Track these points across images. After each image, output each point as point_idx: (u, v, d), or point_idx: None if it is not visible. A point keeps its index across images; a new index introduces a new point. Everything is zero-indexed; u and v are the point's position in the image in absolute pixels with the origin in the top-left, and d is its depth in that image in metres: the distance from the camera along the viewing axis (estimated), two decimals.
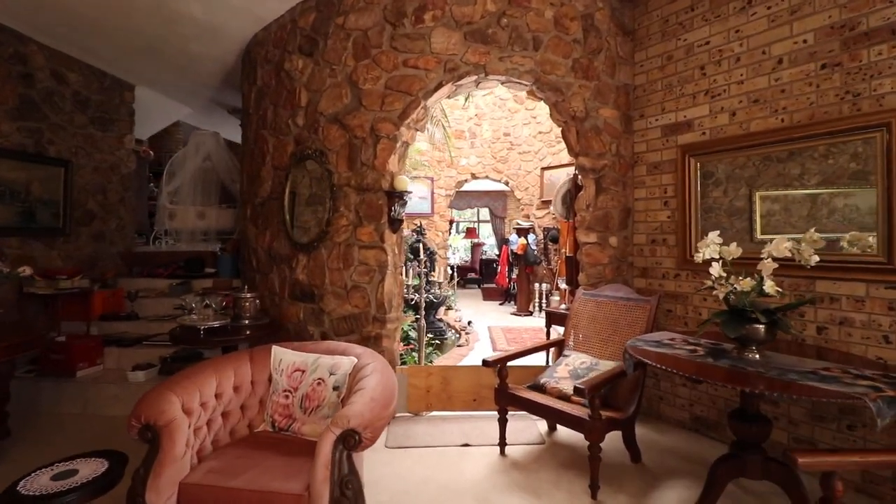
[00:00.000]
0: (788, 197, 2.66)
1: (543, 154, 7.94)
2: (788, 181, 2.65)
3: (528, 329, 6.48)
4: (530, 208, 8.15)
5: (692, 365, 1.97)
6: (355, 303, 3.28)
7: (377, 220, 3.21)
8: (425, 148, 8.21)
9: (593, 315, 3.13)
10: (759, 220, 2.80)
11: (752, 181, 2.82)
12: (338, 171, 3.33)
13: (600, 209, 3.38)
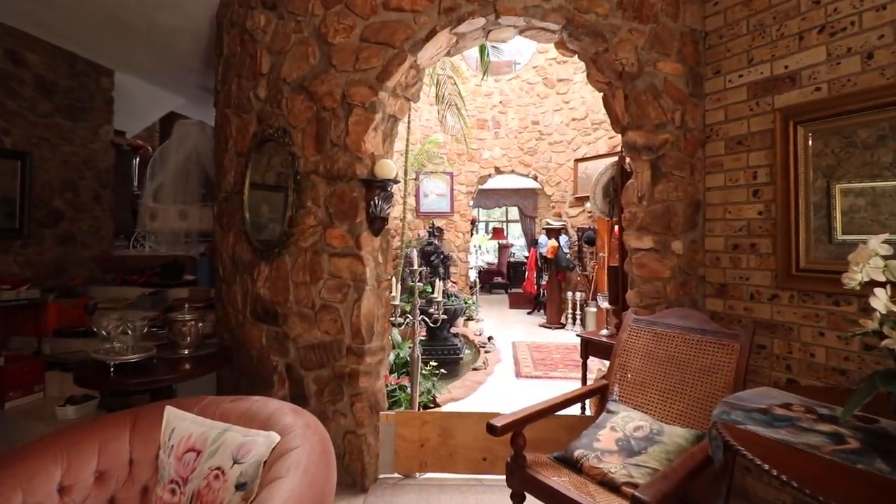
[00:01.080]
0: None
1: (577, 144, 6.96)
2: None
3: (559, 347, 5.53)
4: (562, 206, 7.18)
5: (857, 483, 1.05)
6: (325, 327, 2.49)
7: (351, 218, 2.40)
8: (443, 140, 7.38)
9: (650, 352, 2.21)
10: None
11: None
12: (303, 155, 2.55)
13: (659, 202, 2.44)
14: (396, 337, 3.65)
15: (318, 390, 2.54)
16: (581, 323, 6.51)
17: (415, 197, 7.40)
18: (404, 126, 7.08)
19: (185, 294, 4.16)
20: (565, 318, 6.74)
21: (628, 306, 2.64)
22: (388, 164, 2.39)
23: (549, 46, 7.13)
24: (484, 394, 3.89)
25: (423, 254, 5.37)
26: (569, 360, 4.90)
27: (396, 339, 3.63)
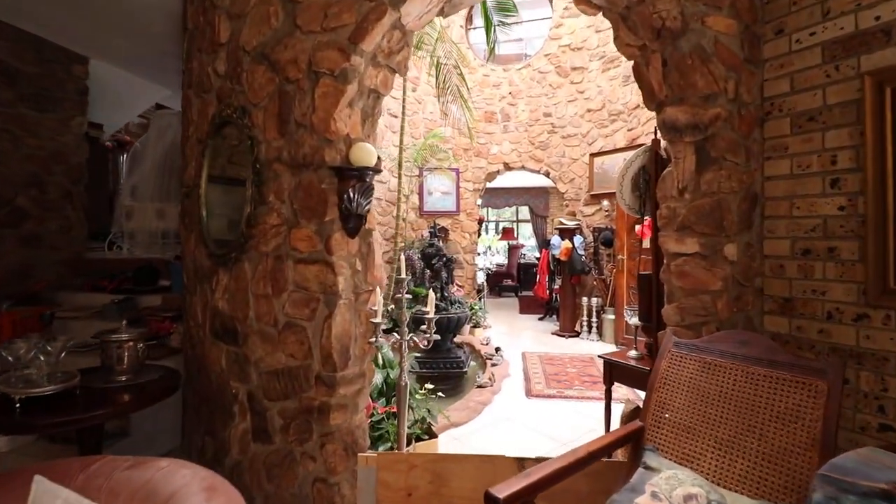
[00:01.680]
0: None
1: (593, 137, 6.43)
2: None
3: (574, 359, 5.01)
4: (577, 204, 6.65)
5: None
6: (290, 350, 2.02)
7: (319, 216, 1.94)
8: (449, 134, 6.91)
9: (699, 387, 1.71)
10: None
11: None
12: (265, 139, 2.09)
13: (706, 196, 1.94)
14: (388, 354, 3.18)
15: (283, 425, 2.08)
16: (597, 331, 5.99)
17: (418, 195, 6.93)
18: (407, 116, 6.62)
19: (157, 302, 3.76)
20: (580, 326, 6.21)
21: (665, 325, 2.14)
22: (365, 149, 1.92)
23: (562, 32, 6.62)
24: (489, 418, 3.40)
25: (423, 256, 4.91)
26: (585, 376, 4.39)
27: (388, 357, 3.16)
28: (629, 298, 5.55)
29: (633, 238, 5.50)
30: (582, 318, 6.15)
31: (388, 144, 6.63)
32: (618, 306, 5.64)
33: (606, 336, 5.84)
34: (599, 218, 6.36)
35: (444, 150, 6.34)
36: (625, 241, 5.59)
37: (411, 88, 6.86)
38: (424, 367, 4.42)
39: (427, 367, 4.42)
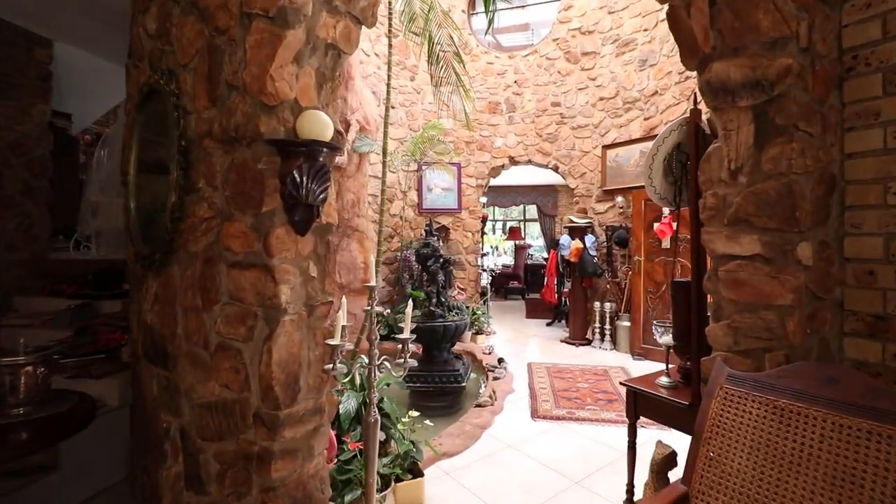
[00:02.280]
0: None
1: (606, 128, 5.92)
2: None
3: (585, 372, 4.51)
4: (588, 200, 6.14)
5: None
6: (225, 378, 1.57)
7: (255, 206, 1.48)
8: (449, 126, 6.44)
9: (767, 442, 1.23)
10: None
11: None
12: (195, 109, 1.64)
13: (771, 177, 1.45)
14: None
15: (219, 472, 1.63)
16: (611, 339, 5.48)
17: (416, 191, 6.47)
18: (404, 107, 6.16)
19: (118, 308, 3.34)
20: (591, 333, 5.70)
21: (709, 348, 1.65)
22: (316, 119, 1.46)
23: (571, 15, 6.12)
24: (488, 446, 2.93)
25: (418, 257, 4.45)
26: (599, 392, 3.89)
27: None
28: (647, 304, 5.04)
29: (650, 237, 5.00)
30: (594, 325, 5.64)
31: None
32: (634, 312, 5.13)
33: (621, 345, 5.34)
34: (613, 215, 5.85)
35: (444, 142, 5.87)
36: (642, 241, 5.08)
37: (409, 77, 6.41)
38: (417, 381, 3.97)
39: (420, 381, 3.96)
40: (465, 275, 6.63)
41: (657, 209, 4.92)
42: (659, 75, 5.35)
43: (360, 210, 5.48)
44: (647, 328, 5.02)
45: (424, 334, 4.03)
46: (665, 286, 4.89)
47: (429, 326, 4.00)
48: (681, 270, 4.77)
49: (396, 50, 6.36)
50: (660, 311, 4.93)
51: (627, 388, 2.03)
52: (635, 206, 5.15)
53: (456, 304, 4.50)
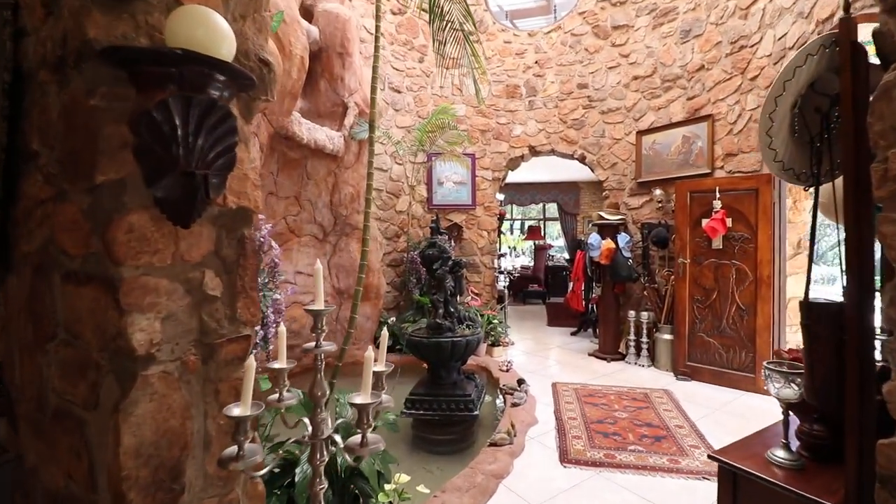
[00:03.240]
0: None
1: (641, 111, 5.17)
2: None
3: (622, 395, 3.78)
4: (620, 194, 5.40)
5: None
6: (67, 464, 0.94)
7: (86, 173, 0.84)
8: (462, 113, 5.78)
9: None
10: None
11: None
12: (31, 24, 1.01)
13: None
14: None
15: None
16: (648, 354, 4.73)
17: (426, 185, 5.82)
18: (412, 92, 5.43)
19: None
20: (625, 347, 4.96)
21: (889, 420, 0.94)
22: (201, 16, 0.81)
23: None
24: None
25: (423, 259, 3.80)
26: (642, 425, 3.18)
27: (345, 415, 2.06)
28: (693, 314, 4.28)
29: (698, 236, 4.24)
30: (627, 337, 4.90)
31: (391, 125, 5.55)
32: (677, 324, 4.37)
33: (661, 361, 4.58)
34: (649, 211, 5.10)
35: (457, 129, 5.20)
36: (687, 241, 4.32)
37: (418, 59, 5.77)
38: (420, 407, 3.31)
39: (423, 408, 3.31)
40: (481, 278, 5.95)
41: (706, 203, 4.16)
42: (706, 47, 4.58)
43: (360, 206, 4.86)
44: (694, 342, 4.26)
45: (429, 351, 3.38)
46: (716, 294, 4.13)
47: (434, 342, 3.34)
48: (735, 276, 4.01)
49: (404, 29, 5.73)
50: (710, 323, 4.17)
51: (722, 466, 1.32)
52: (679, 199, 4.39)
53: (468, 313, 3.83)
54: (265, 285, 2.21)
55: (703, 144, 4.56)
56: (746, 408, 3.62)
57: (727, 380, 4.05)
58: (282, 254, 4.39)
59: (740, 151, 4.25)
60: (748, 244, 3.96)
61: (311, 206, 4.46)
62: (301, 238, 4.43)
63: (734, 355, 4.04)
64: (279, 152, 3.84)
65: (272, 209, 3.96)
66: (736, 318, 4.03)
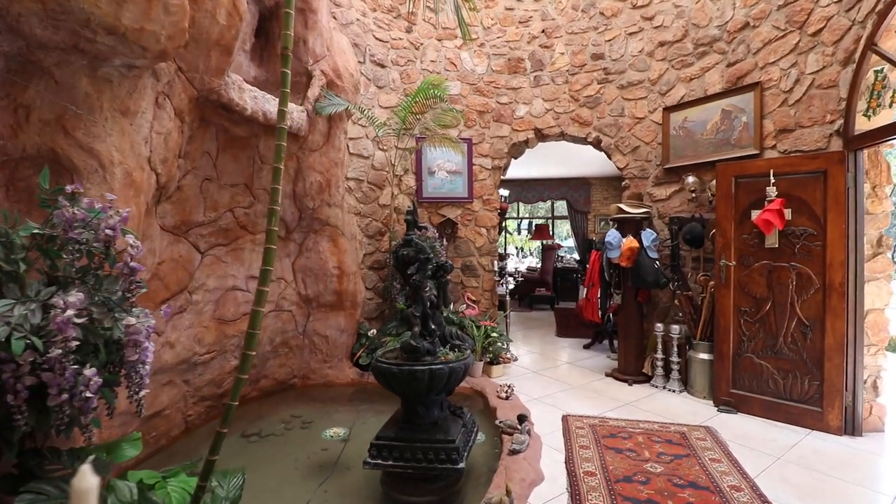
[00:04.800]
0: None
1: (668, 83, 4.33)
2: None
3: (651, 433, 2.94)
4: (643, 184, 4.55)
5: None
6: None
7: None
8: (457, 91, 4.98)
9: None
10: None
11: None
12: None
13: None
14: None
15: None
16: (680, 377, 3.88)
17: (415, 175, 5.02)
18: (399, 67, 4.50)
19: None
20: (650, 367, 4.11)
21: None
22: None
23: None
24: None
25: (396, 262, 2.99)
26: (685, 486, 2.34)
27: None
28: (739, 329, 3.43)
29: (746, 231, 3.39)
30: (654, 355, 4.05)
31: (373, 104, 4.76)
32: (719, 341, 3.52)
33: (696, 386, 3.73)
34: (680, 203, 4.25)
35: (451, 109, 4.39)
36: (731, 238, 3.47)
37: (405, 28, 4.97)
38: (389, 455, 2.51)
39: (393, 457, 2.50)
40: (479, 283, 5.13)
41: (757, 190, 3.31)
42: (750, 0, 3.73)
43: (331, 197, 4.07)
44: (740, 365, 3.41)
45: (400, 382, 2.56)
46: (770, 305, 3.27)
47: (407, 371, 2.53)
48: (796, 282, 3.15)
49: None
50: (762, 341, 3.31)
51: None
52: (721, 186, 3.54)
53: (455, 330, 3.00)
54: (111, 301, 1.41)
55: (749, 119, 3.70)
56: (816, 454, 2.77)
57: (784, 413, 3.19)
58: (230, 254, 3.63)
59: (798, 126, 3.39)
60: (813, 242, 3.11)
61: (269, 197, 3.67)
62: (256, 235, 3.65)
63: (794, 383, 3.18)
64: (218, 127, 3.06)
65: (212, 199, 3.18)
66: (797, 335, 3.17)
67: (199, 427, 3.33)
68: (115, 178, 2.05)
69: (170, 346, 2.93)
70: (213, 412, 3.44)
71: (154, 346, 1.74)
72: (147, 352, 1.50)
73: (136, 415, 1.69)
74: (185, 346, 3.05)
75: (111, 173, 2.04)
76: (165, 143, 2.47)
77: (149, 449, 2.90)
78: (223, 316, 3.40)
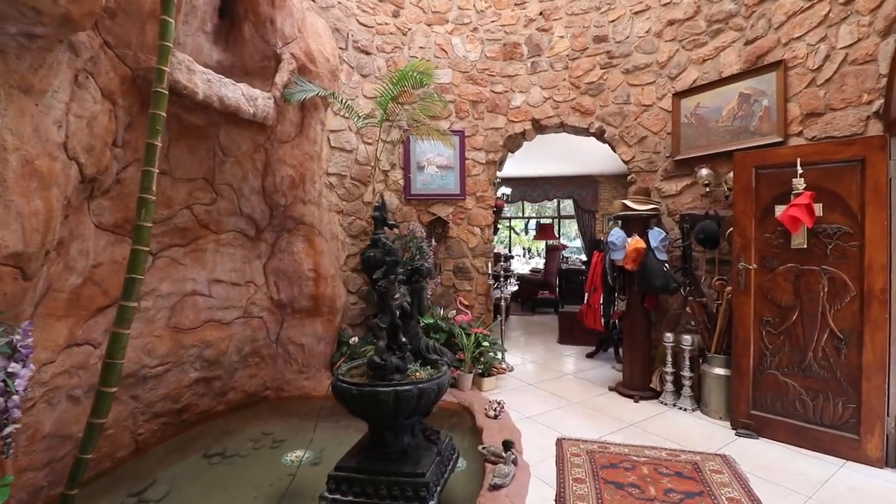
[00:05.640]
0: None
1: (679, 65, 3.91)
2: None
3: (660, 466, 2.53)
4: (650, 178, 4.14)
5: None
6: None
7: None
8: (447, 80, 4.61)
9: None
10: None
11: None
12: None
13: None
14: None
15: None
16: (692, 393, 3.46)
17: (402, 169, 4.66)
18: (385, 54, 3.93)
19: None
20: (659, 381, 3.69)
21: None
22: None
23: None
24: None
25: (363, 265, 2.62)
26: None
27: None
28: (761, 341, 3.00)
29: (769, 230, 2.97)
30: (662, 368, 3.63)
31: (357, 94, 4.42)
32: (738, 355, 3.10)
33: (711, 404, 3.31)
34: (691, 198, 3.83)
35: (433, 94, 4.02)
36: (751, 237, 3.05)
37: (391, 12, 4.61)
38: (350, 490, 2.15)
39: (354, 492, 2.15)
40: (472, 286, 4.76)
41: (781, 182, 2.89)
42: None
43: (306, 193, 3.72)
44: (762, 383, 2.98)
45: (362, 406, 2.21)
46: (797, 314, 2.84)
47: (368, 393, 2.17)
48: (828, 288, 2.72)
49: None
50: (787, 356, 2.88)
51: None
52: (739, 178, 3.11)
53: (431, 343, 2.63)
54: None
55: (771, 103, 3.27)
56: (853, 493, 2.34)
57: (814, 440, 2.77)
58: (189, 256, 3.29)
59: (829, 109, 2.96)
60: (849, 241, 2.68)
61: (234, 193, 3.34)
62: (220, 235, 3.32)
63: (825, 405, 2.75)
64: (169, 115, 2.71)
65: (164, 195, 2.85)
66: (829, 350, 2.74)
67: (152, 446, 3.00)
68: (7, 167, 1.72)
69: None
70: (169, 429, 3.11)
71: (29, 371, 1.40)
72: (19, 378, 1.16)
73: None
74: (130, 358, 2.71)
75: (2, 161, 1.71)
76: (90, 129, 2.13)
77: (87, 474, 2.57)
78: (180, 324, 3.07)
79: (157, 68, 1.13)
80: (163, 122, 1.15)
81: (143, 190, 1.10)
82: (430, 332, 4.09)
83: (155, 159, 1.10)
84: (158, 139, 1.13)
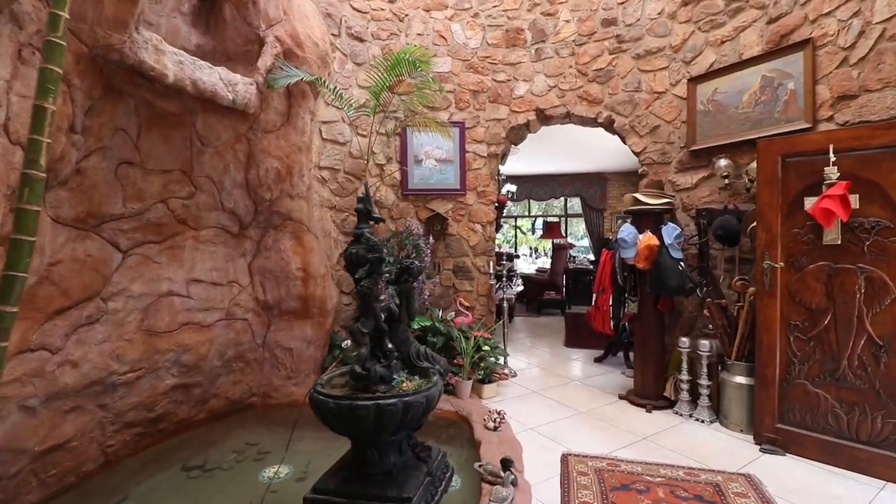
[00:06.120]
0: None
1: (694, 49, 3.63)
2: None
3: (676, 488, 2.26)
4: (663, 170, 3.86)
5: None
6: None
7: None
8: (447, 69, 4.36)
9: None
10: None
11: None
12: None
13: None
14: None
15: None
16: (710, 403, 3.18)
17: (399, 163, 4.42)
18: (380, 41, 3.70)
19: None
20: (673, 390, 3.41)
21: None
22: None
23: None
24: None
25: (346, 263, 2.38)
26: None
27: None
28: (789, 348, 2.72)
29: (797, 224, 2.68)
30: (677, 376, 3.36)
31: (350, 83, 4.18)
32: (760, 362, 2.82)
33: (731, 416, 3.03)
34: (709, 192, 3.54)
35: (434, 84, 3.77)
36: (777, 232, 2.76)
37: None
38: None
39: None
40: (473, 286, 4.50)
41: (812, 171, 2.60)
42: None
43: (293, 187, 3.49)
44: (790, 393, 2.70)
45: (339, 421, 1.96)
46: (830, 317, 2.56)
47: (347, 407, 1.92)
48: (866, 289, 2.44)
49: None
50: (818, 364, 2.60)
51: None
52: (764, 168, 2.83)
53: (423, 349, 2.38)
54: None
55: (798, 86, 2.99)
56: None
57: (849, 458, 2.48)
58: (164, 253, 3.07)
59: (864, 90, 2.67)
60: (889, 237, 2.39)
61: (214, 187, 3.11)
62: (200, 232, 3.10)
63: (862, 419, 2.46)
64: (138, 99, 2.50)
65: (135, 187, 2.63)
66: (866, 358, 2.45)
67: (125, 459, 2.79)
68: None
69: (71, 365, 2.38)
70: (144, 440, 2.89)
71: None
72: None
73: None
74: (95, 365, 2.50)
75: None
76: None
77: (46, 490, 2.36)
78: (154, 327, 2.85)
79: (51, 12, 0.90)
80: (57, 79, 0.92)
81: (28, 164, 0.87)
82: (428, 335, 3.85)
83: (44, 126, 0.87)
84: (50, 100, 0.90)
